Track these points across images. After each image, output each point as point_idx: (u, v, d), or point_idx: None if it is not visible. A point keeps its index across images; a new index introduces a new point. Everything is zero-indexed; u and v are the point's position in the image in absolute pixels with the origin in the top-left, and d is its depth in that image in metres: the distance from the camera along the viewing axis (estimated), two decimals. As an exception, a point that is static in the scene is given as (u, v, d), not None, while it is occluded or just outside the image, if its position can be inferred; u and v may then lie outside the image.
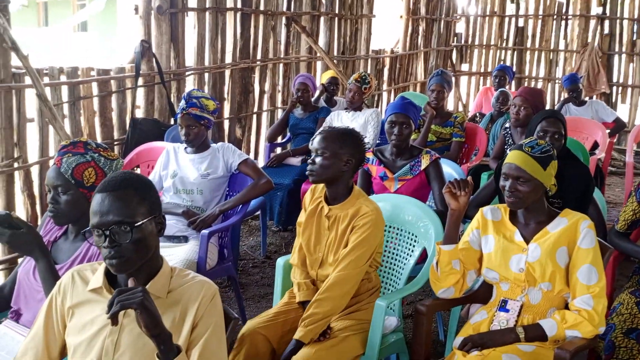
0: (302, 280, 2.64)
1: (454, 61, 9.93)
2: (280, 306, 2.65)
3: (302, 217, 2.70)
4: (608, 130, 5.72)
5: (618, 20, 8.89)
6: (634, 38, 8.82)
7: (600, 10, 9.00)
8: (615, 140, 6.95)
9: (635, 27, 8.80)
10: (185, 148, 3.64)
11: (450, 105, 10.00)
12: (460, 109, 9.75)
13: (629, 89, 8.90)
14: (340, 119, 5.24)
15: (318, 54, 6.51)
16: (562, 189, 2.92)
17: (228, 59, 5.52)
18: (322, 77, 6.29)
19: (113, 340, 1.74)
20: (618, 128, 6.24)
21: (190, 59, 5.19)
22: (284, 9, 6.15)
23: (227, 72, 5.53)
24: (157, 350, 1.63)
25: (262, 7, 5.77)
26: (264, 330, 2.46)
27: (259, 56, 5.86)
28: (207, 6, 5.19)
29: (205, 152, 3.61)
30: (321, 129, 2.65)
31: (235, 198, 3.52)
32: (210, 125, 3.60)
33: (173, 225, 3.47)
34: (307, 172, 2.59)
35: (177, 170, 3.60)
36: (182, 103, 3.52)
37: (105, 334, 1.74)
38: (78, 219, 2.21)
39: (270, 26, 5.95)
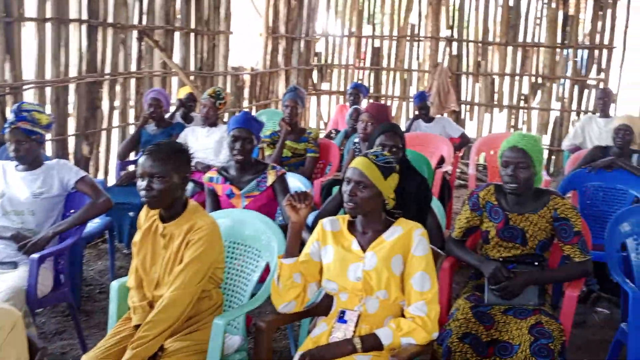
0: (138, 304, 2.48)
1: (315, 80, 10.12)
2: (115, 333, 2.48)
3: (137, 237, 2.55)
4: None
5: (464, 43, 9.49)
6: (479, 59, 9.45)
7: (448, 32, 9.56)
8: (462, 154, 7.37)
9: (480, 49, 9.42)
10: (16, 166, 3.35)
11: (312, 123, 10.16)
12: (322, 126, 9.93)
13: (476, 107, 9.51)
14: (195, 135, 5.12)
15: (173, 70, 6.34)
16: (402, 200, 3.00)
17: (73, 72, 5.21)
18: (179, 93, 6.14)
19: None
20: (464, 143, 6.61)
21: (30, 72, 4.85)
22: (135, 22, 5.93)
23: (72, 87, 5.22)
24: None
25: (110, 20, 5.52)
26: None
27: (108, 70, 5.59)
28: (48, 16, 4.88)
29: (38, 169, 3.33)
30: (147, 148, 2.48)
31: (71, 219, 3.28)
32: (43, 140, 3.34)
33: (1, 250, 3.17)
34: (143, 199, 2.44)
35: (6, 189, 3.30)
36: (11, 116, 3.24)
37: None
38: None
39: (120, 40, 5.71)
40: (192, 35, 6.79)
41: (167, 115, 5.55)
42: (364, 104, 7.25)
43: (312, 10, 9.61)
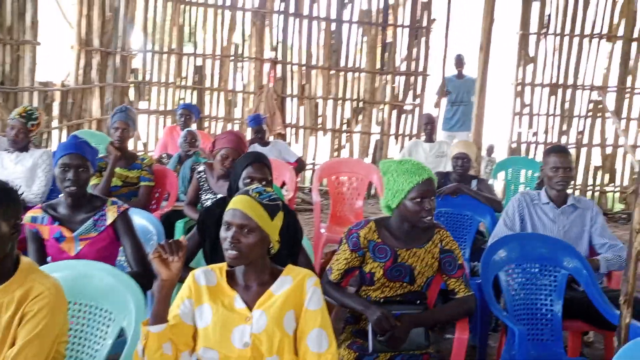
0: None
1: (132, 98, 9.37)
2: None
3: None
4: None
5: (289, 65, 9.41)
6: (303, 82, 9.43)
7: (272, 54, 9.42)
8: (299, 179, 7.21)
9: (304, 72, 9.40)
10: None
11: (130, 145, 9.37)
12: (141, 148, 9.22)
13: (301, 130, 9.46)
14: (0, 162, 4.32)
15: (-32, 83, 5.37)
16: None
17: None
18: (-26, 111, 5.19)
19: None
20: (301, 167, 6.46)
21: None
22: None
23: None
24: None
25: None
26: None
27: None
28: None
29: None
30: None
31: None
32: None
33: None
34: None
35: None
36: None
37: None
38: None
39: None
40: (-9, 43, 5.84)
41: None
42: (194, 126, 6.78)
43: (129, 23, 8.90)
